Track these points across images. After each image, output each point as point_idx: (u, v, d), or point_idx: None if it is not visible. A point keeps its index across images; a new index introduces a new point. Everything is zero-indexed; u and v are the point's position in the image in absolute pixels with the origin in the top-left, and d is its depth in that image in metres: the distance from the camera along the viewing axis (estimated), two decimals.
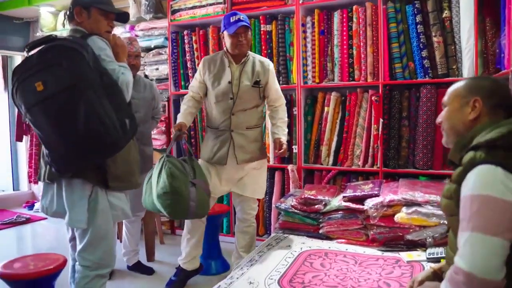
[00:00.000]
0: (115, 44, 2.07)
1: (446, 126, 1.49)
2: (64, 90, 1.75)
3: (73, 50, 1.79)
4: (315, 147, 3.45)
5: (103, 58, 1.90)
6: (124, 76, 1.93)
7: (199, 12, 3.79)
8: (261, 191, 2.95)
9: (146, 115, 3.08)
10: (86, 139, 1.78)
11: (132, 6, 4.19)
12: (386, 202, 2.52)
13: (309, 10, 3.44)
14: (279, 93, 2.88)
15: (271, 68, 2.81)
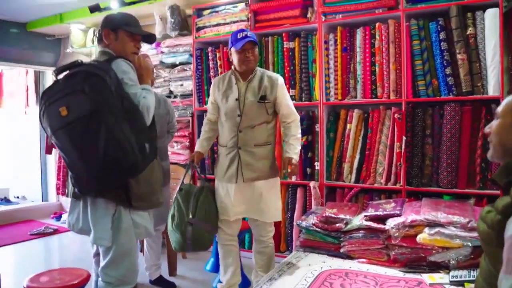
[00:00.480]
0: (140, 66, 2.12)
1: (495, 140, 1.37)
2: (86, 116, 1.81)
3: (96, 76, 1.85)
4: (337, 164, 3.45)
5: (126, 82, 1.96)
6: (145, 100, 1.97)
7: (223, 29, 3.86)
8: (277, 214, 2.86)
9: (161, 130, 3.14)
10: (106, 163, 1.84)
11: (159, 23, 4.30)
12: (408, 222, 2.49)
13: (332, 28, 3.46)
14: (291, 109, 2.78)
15: (279, 83, 2.74)
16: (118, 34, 2.11)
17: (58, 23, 4.94)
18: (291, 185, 3.66)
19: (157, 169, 2.13)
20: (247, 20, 3.74)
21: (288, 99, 2.78)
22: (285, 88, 2.79)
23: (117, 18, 2.18)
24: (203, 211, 2.73)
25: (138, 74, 2.10)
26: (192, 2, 4.07)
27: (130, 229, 2.04)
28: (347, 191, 3.39)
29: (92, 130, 1.82)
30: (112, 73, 1.91)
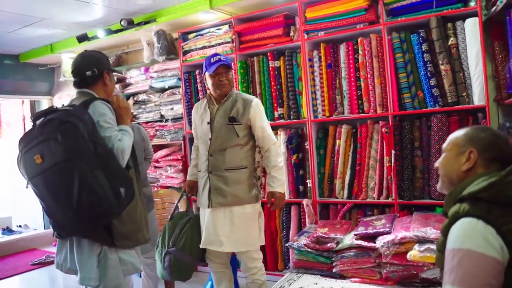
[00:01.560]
0: (118, 107, 2.11)
1: (441, 172, 1.51)
2: (59, 164, 1.83)
3: (68, 123, 1.86)
4: (329, 180, 3.43)
5: (101, 125, 1.95)
6: (120, 143, 1.95)
7: (209, 51, 3.87)
8: (253, 242, 2.68)
9: (139, 158, 3.10)
10: (81, 209, 1.84)
11: (146, 49, 4.34)
12: (397, 240, 2.47)
13: (315, 44, 3.47)
14: (267, 132, 2.68)
15: (254, 104, 2.66)
16: (111, 76, 2.18)
17: (49, 53, 5.00)
18: (285, 203, 3.63)
19: (141, 206, 2.12)
20: (231, 42, 3.75)
21: (263, 122, 2.69)
22: (261, 111, 2.71)
23: (106, 59, 2.22)
24: (183, 241, 2.73)
25: (117, 114, 2.09)
26: (177, 27, 4.10)
27: (117, 267, 2.02)
28: (340, 207, 3.37)
29: (65, 178, 1.83)
30: (87, 117, 1.91)
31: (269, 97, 3.65)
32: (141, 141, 3.19)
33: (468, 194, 1.30)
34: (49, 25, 4.20)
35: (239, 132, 2.64)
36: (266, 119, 2.74)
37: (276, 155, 2.70)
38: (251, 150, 2.73)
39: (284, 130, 3.60)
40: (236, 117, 2.64)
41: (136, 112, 4.55)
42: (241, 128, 2.65)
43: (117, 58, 4.78)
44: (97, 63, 2.13)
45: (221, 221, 2.65)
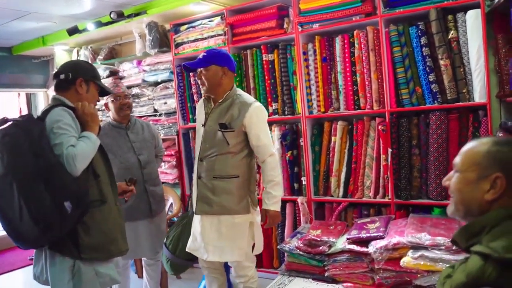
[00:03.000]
0: (83, 113, 2.02)
1: (456, 198, 1.22)
2: (1, 177, 1.79)
3: (9, 136, 1.80)
4: (324, 178, 3.32)
5: (54, 132, 1.87)
6: (72, 149, 1.84)
7: (201, 44, 3.76)
8: (242, 253, 2.53)
9: (149, 156, 3.06)
10: (23, 224, 1.78)
11: (138, 41, 4.24)
12: (391, 246, 2.38)
13: (310, 37, 3.33)
14: (262, 142, 2.45)
15: (251, 109, 2.43)
16: (90, 87, 2.09)
17: (42, 45, 4.91)
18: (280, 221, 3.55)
19: (115, 216, 2.04)
20: (224, 34, 3.63)
21: (260, 130, 2.46)
22: (260, 117, 2.47)
23: (88, 69, 2.14)
24: (173, 243, 2.74)
25: (82, 121, 2.00)
26: (169, 18, 3.98)
27: (93, 281, 1.94)
28: (335, 206, 3.27)
29: (6, 192, 1.78)
30: (35, 128, 1.84)
31: (263, 92, 3.54)
32: (151, 139, 3.11)
33: (498, 257, 1.03)
34: (38, 18, 4.10)
35: (230, 140, 2.44)
36: (265, 127, 2.51)
37: (273, 168, 2.47)
38: (246, 158, 2.51)
39: (278, 126, 3.49)
40: (230, 123, 2.44)
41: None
42: (233, 135, 2.45)
43: (110, 50, 4.68)
44: (74, 69, 2.06)
45: (208, 229, 2.53)
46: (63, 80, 2.04)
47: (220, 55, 2.50)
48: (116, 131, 2.98)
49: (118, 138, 2.96)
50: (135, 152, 2.96)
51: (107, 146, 2.85)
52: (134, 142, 2.98)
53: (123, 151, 2.94)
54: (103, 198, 2.00)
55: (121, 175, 2.83)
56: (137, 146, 2.98)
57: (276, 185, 2.47)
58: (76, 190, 1.84)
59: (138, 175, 2.90)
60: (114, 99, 2.96)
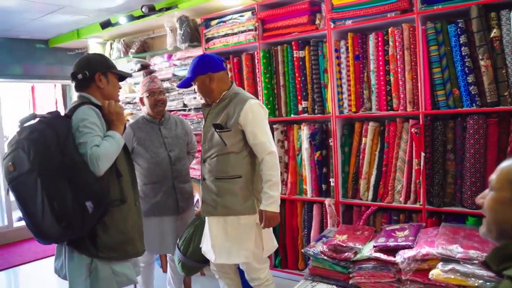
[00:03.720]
0: (109, 112, 2.03)
1: (488, 217, 1.16)
2: (24, 174, 1.78)
3: (37, 132, 1.81)
4: (353, 180, 3.23)
5: (80, 130, 1.88)
6: (96, 149, 1.85)
7: (231, 40, 3.72)
8: (250, 255, 2.47)
9: (181, 152, 3.05)
10: (45, 220, 1.79)
11: (169, 35, 4.22)
12: (420, 256, 2.27)
13: (343, 34, 3.22)
14: (259, 140, 2.37)
15: (246, 107, 2.37)
16: (108, 78, 2.10)
17: (76, 38, 5.00)
18: (306, 202, 3.49)
19: (134, 215, 2.04)
20: (254, 30, 3.56)
21: (255, 127, 2.38)
22: (256, 114, 2.40)
23: (102, 61, 2.14)
24: (185, 245, 2.74)
25: (108, 120, 2.02)
26: (200, 12, 3.94)
27: (110, 279, 1.96)
28: (364, 210, 3.17)
29: (31, 188, 1.78)
30: (62, 126, 1.85)
31: (293, 89, 3.47)
32: (184, 135, 3.11)
33: None
34: (72, 11, 4.16)
35: (227, 140, 2.42)
36: (261, 124, 2.42)
37: (270, 167, 2.38)
38: (248, 157, 2.48)
39: (307, 125, 3.41)
40: (226, 123, 2.42)
41: None
42: (230, 135, 2.42)
43: (141, 44, 4.70)
44: (89, 66, 2.06)
45: (214, 231, 2.52)
46: (81, 80, 2.06)
47: (199, 64, 2.49)
48: (149, 126, 2.99)
49: (151, 133, 2.97)
50: (166, 148, 2.96)
51: (140, 140, 2.94)
52: (166, 137, 2.98)
53: (154, 146, 2.94)
54: (123, 198, 2.01)
55: (151, 170, 2.92)
56: (169, 142, 2.98)
57: (274, 185, 2.38)
58: (98, 190, 1.86)
59: (167, 171, 2.92)
60: (149, 95, 2.97)
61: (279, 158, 3.53)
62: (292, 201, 3.58)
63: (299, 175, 3.52)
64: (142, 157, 2.92)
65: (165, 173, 2.92)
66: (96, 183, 1.86)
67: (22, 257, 4.74)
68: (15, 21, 4.46)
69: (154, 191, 2.93)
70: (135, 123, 3.01)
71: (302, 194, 3.50)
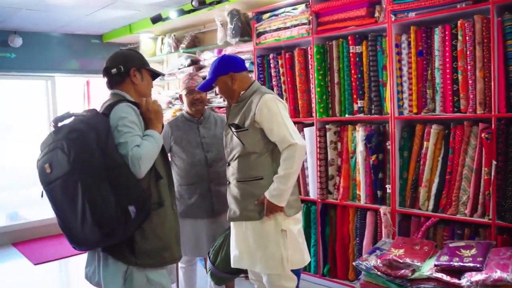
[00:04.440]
0: (147, 110, 1.93)
1: None
2: (64, 175, 1.68)
3: (77, 131, 1.71)
4: (412, 188, 2.96)
5: (119, 130, 1.78)
6: (137, 150, 1.75)
7: (283, 34, 3.56)
8: (277, 265, 2.30)
9: (219, 153, 2.92)
10: (84, 226, 1.68)
11: (220, 29, 4.12)
12: (490, 281, 2.01)
13: (404, 27, 2.95)
14: (279, 134, 2.25)
15: (260, 103, 2.26)
16: (143, 74, 2.02)
17: (129, 33, 5.04)
18: (359, 208, 3.26)
19: (171, 218, 1.94)
20: (308, 23, 3.37)
21: (273, 122, 2.25)
22: (272, 107, 2.27)
23: (137, 57, 2.07)
24: (214, 255, 2.66)
25: (146, 118, 1.92)
26: (252, 6, 3.80)
27: (145, 287, 1.86)
28: (423, 221, 2.89)
29: (69, 191, 1.68)
30: (101, 125, 1.75)
31: (348, 87, 3.25)
32: (221, 134, 2.94)
33: None
34: (123, 6, 4.17)
35: (245, 140, 2.32)
36: (278, 118, 2.27)
37: (286, 158, 2.23)
38: (269, 156, 2.34)
39: (363, 126, 3.18)
40: (243, 123, 2.32)
41: (209, 96, 4.36)
42: (248, 134, 2.31)
43: (192, 39, 4.63)
44: (124, 60, 1.98)
45: (238, 237, 2.42)
46: (116, 75, 1.96)
47: (220, 64, 2.41)
48: (188, 124, 2.93)
49: (188, 132, 2.90)
50: (203, 149, 2.88)
51: (177, 140, 2.88)
52: (204, 137, 2.90)
53: (191, 146, 2.87)
54: (161, 201, 1.92)
55: (187, 171, 2.86)
56: (206, 142, 2.89)
57: (284, 177, 2.24)
58: (140, 194, 1.77)
59: (203, 173, 2.84)
60: (188, 93, 2.90)
61: (332, 161, 3.37)
62: (344, 207, 3.38)
63: (352, 179, 3.31)
64: (179, 157, 2.87)
65: (200, 175, 2.85)
66: (138, 186, 1.77)
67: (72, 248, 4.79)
68: (70, 17, 4.54)
69: (189, 192, 2.87)
70: (174, 121, 2.96)
71: (355, 200, 3.29)
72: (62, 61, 5.39)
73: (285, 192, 2.26)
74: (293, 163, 2.23)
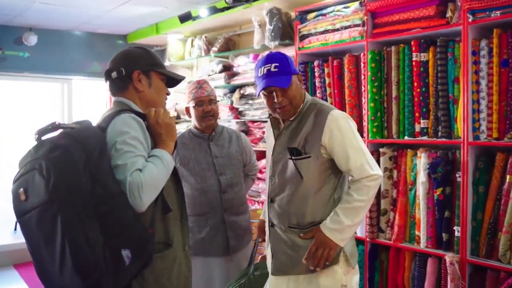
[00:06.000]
0: (156, 123, 1.71)
1: None
2: (39, 206, 1.45)
3: (60, 149, 1.48)
4: (489, 233, 2.62)
5: (117, 148, 1.57)
6: (138, 176, 1.52)
7: (332, 37, 3.36)
8: None
9: (234, 177, 2.79)
10: (63, 273, 1.44)
11: (257, 31, 4.04)
12: None
13: (485, 30, 2.67)
14: (355, 162, 1.97)
15: (329, 122, 1.98)
16: (152, 79, 1.80)
17: (155, 34, 5.02)
18: (418, 253, 2.95)
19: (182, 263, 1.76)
20: (362, 25, 3.15)
21: (348, 145, 1.98)
22: (344, 127, 2.00)
23: (144, 56, 1.85)
24: None
25: (154, 133, 1.71)
26: (295, 4, 3.66)
27: None
28: (503, 276, 2.55)
29: (47, 226, 1.45)
30: (94, 141, 1.53)
31: (408, 103, 2.99)
32: (238, 155, 2.87)
33: None
34: (148, 2, 4.15)
35: (305, 171, 2.02)
36: (354, 140, 2.01)
37: (362, 188, 1.97)
38: (334, 195, 2.07)
39: (427, 151, 2.89)
40: (303, 147, 2.03)
41: (242, 108, 4.27)
42: (310, 164, 2.02)
43: (226, 41, 4.56)
44: (126, 61, 1.79)
45: None
46: (117, 79, 1.78)
47: (288, 60, 2.07)
48: (196, 141, 2.79)
49: (197, 151, 2.76)
50: (216, 171, 2.73)
51: (184, 160, 2.74)
52: (216, 157, 2.75)
53: (201, 168, 2.73)
54: (169, 240, 1.72)
55: (196, 199, 2.71)
56: (219, 163, 2.75)
57: (352, 209, 1.96)
58: (140, 234, 1.54)
59: (215, 200, 2.70)
60: (196, 104, 2.74)
61: (385, 192, 3.12)
62: (398, 250, 3.10)
63: (410, 216, 3.03)
64: (185, 181, 2.68)
65: (212, 203, 2.70)
66: (137, 223, 1.54)
67: None
68: (90, 13, 4.56)
69: (198, 225, 2.71)
70: (179, 138, 2.81)
71: (413, 242, 3.00)
72: (81, 62, 5.41)
73: (348, 229, 1.99)
74: (367, 194, 1.96)
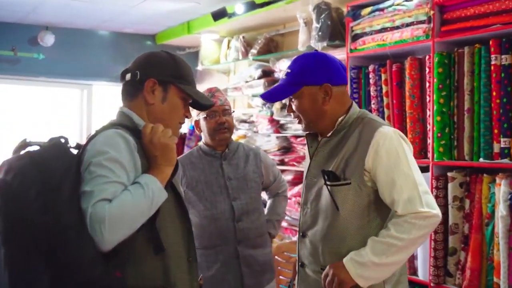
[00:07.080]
0: (150, 143, 1.57)
1: None
2: None
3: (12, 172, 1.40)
4: None
5: (91, 170, 1.46)
6: (103, 208, 1.39)
7: (390, 37, 3.20)
8: None
9: (251, 202, 2.69)
10: None
11: (302, 30, 3.93)
12: None
13: None
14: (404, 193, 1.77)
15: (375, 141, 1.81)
16: (169, 92, 1.69)
17: (187, 33, 5.04)
18: None
19: None
20: (427, 21, 2.98)
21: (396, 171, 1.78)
22: (394, 147, 1.82)
23: (167, 63, 1.74)
24: None
25: (149, 155, 1.58)
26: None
27: None
28: None
29: None
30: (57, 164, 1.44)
31: (485, 117, 2.77)
32: (256, 176, 2.79)
33: None
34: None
35: (342, 200, 1.84)
36: (405, 167, 1.81)
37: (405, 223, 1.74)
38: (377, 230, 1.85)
39: (508, 177, 2.66)
40: (342, 171, 1.86)
41: (284, 120, 4.19)
42: (349, 192, 1.84)
43: (267, 42, 4.49)
44: (144, 65, 1.71)
45: None
46: (129, 83, 1.70)
47: (312, 66, 1.93)
48: (206, 160, 2.72)
49: (208, 172, 2.69)
50: (229, 195, 2.65)
51: (191, 182, 2.66)
52: (229, 179, 2.67)
53: (211, 192, 2.65)
54: (169, 285, 1.60)
55: (204, 228, 2.65)
56: (233, 186, 2.68)
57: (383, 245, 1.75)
58: (97, 278, 1.41)
59: (227, 230, 2.62)
60: (208, 116, 2.65)
61: (454, 227, 2.90)
62: None
63: (486, 259, 2.79)
64: (192, 208, 2.63)
65: (224, 233, 2.62)
66: (95, 265, 1.41)
67: None
68: (113, 8, 4.60)
69: (207, 260, 2.60)
70: (187, 157, 2.77)
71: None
72: (104, 66, 5.43)
73: (372, 268, 1.77)
74: (408, 233, 1.73)
